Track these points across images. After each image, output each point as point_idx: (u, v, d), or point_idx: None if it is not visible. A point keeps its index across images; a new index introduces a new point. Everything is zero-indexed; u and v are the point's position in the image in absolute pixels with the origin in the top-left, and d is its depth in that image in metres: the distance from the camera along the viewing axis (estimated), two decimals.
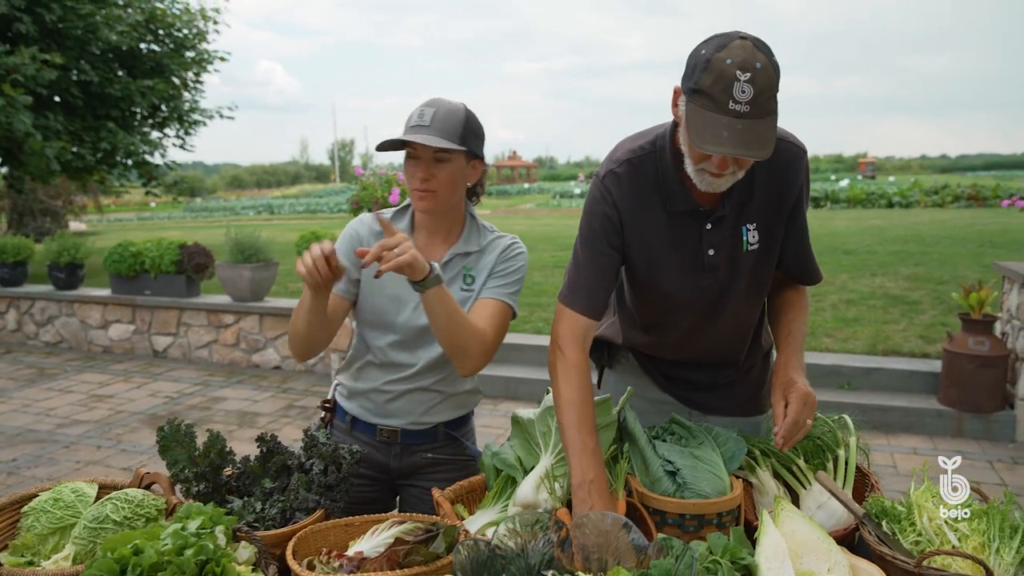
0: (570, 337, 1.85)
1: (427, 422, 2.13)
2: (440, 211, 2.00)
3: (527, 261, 2.11)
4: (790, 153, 1.83)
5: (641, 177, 1.82)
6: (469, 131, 1.95)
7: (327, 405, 2.25)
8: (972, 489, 1.74)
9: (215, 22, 14.06)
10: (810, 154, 1.91)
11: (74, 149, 11.74)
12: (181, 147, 14.60)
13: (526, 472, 1.82)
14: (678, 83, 1.65)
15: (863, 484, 1.92)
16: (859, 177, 54.55)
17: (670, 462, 1.78)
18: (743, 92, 1.49)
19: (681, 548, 1.40)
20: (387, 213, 2.11)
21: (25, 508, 1.71)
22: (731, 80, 1.49)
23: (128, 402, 6.40)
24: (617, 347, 2.26)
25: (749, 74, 1.49)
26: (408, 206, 2.10)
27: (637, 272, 1.90)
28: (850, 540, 1.73)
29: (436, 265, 1.78)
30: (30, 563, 1.62)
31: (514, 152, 77.43)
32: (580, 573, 1.44)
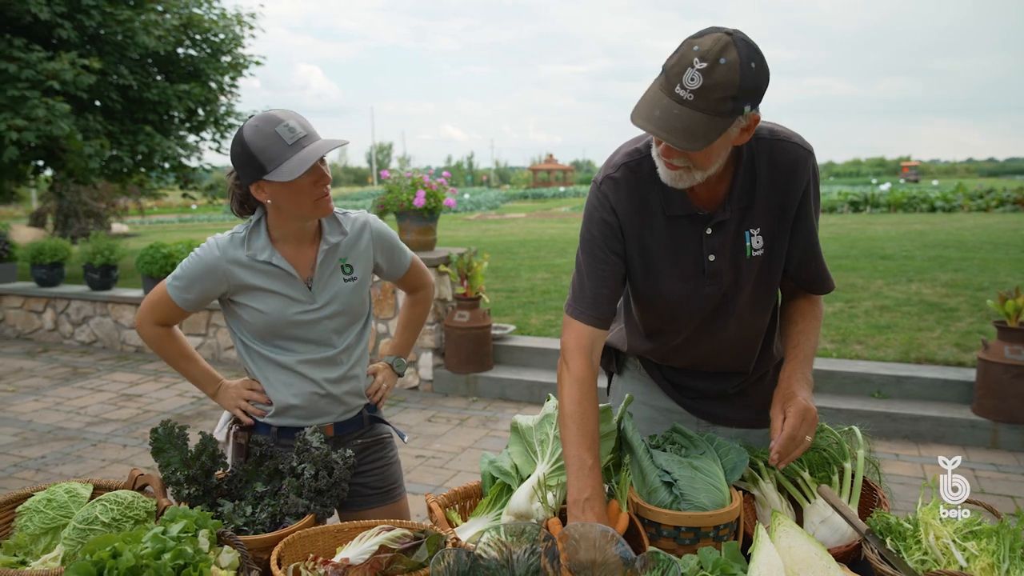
0: (576, 348, 1.80)
1: (349, 406, 2.19)
2: None
3: (383, 222, 2.26)
4: (794, 154, 1.76)
5: (638, 181, 1.78)
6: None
7: (240, 426, 2.15)
8: (984, 506, 1.67)
9: (251, 27, 14.24)
10: (850, 157, 1.89)
11: (113, 151, 11.97)
12: (217, 150, 14.82)
13: (522, 480, 1.79)
14: None
15: (871, 499, 1.85)
16: (901, 181, 53.53)
17: (667, 472, 1.73)
18: (692, 80, 1.45)
19: (667, 562, 1.35)
20: (240, 230, 2.07)
21: (20, 508, 1.72)
22: (686, 64, 1.46)
23: (156, 402, 6.48)
24: (624, 354, 2.22)
25: (706, 64, 1.44)
26: (259, 221, 2.06)
27: (637, 278, 1.86)
28: (855, 557, 1.67)
29: (394, 361, 2.38)
30: (22, 563, 1.63)
31: (550, 155, 77.37)
32: None
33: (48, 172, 13.16)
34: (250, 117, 1.96)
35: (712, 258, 1.78)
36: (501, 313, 7.93)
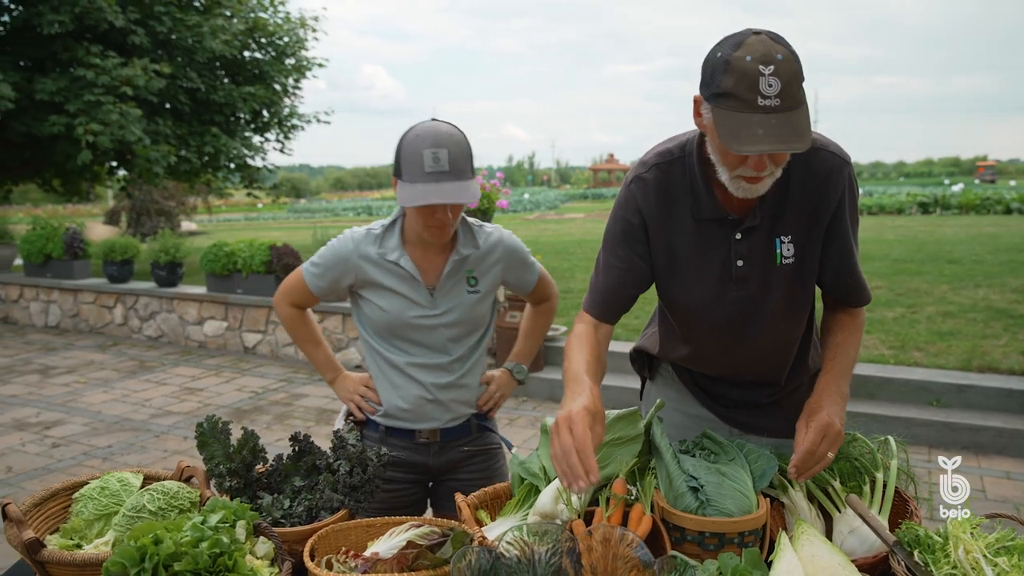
0: (579, 331, 1.89)
1: (456, 414, 2.22)
2: None
3: (516, 237, 2.28)
4: (830, 163, 1.74)
5: (669, 182, 1.78)
6: (472, 156, 2.00)
7: (354, 420, 2.28)
8: (1018, 520, 1.64)
9: (314, 30, 14.58)
10: (922, 157, 1.88)
11: (181, 153, 12.41)
12: (280, 151, 15.23)
13: (549, 481, 1.82)
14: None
15: (903, 511, 1.83)
16: (976, 181, 51.60)
17: (694, 477, 1.73)
18: (770, 86, 1.43)
19: (684, 565, 1.37)
20: (376, 227, 2.15)
21: (76, 494, 1.83)
22: (755, 76, 1.44)
23: (216, 396, 6.71)
24: (657, 359, 2.23)
25: (772, 67, 1.43)
26: (395, 221, 2.14)
27: (662, 281, 1.87)
28: (882, 569, 1.65)
29: (515, 368, 2.37)
30: (77, 546, 1.73)
31: (611, 155, 77.01)
32: None
33: (121, 172, 13.73)
34: (422, 122, 2.00)
35: (740, 263, 1.77)
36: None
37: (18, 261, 10.75)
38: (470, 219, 2.19)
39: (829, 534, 1.76)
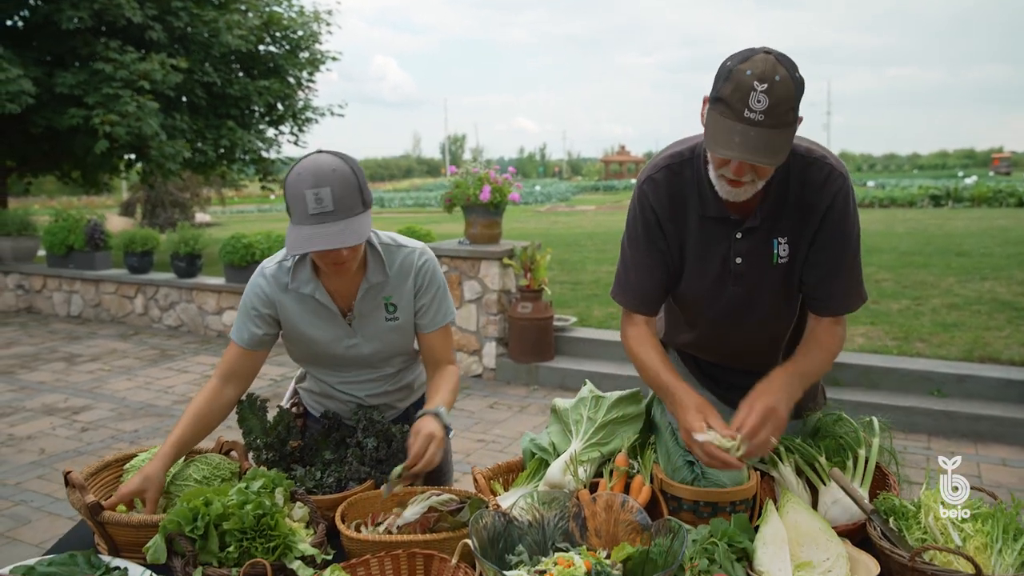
0: (630, 322, 2.04)
1: (399, 409, 2.28)
2: None
3: (438, 266, 2.15)
4: (826, 173, 1.83)
5: (678, 182, 1.91)
6: (362, 188, 1.86)
7: (295, 409, 2.30)
8: (982, 490, 1.79)
9: (327, 23, 14.76)
10: (936, 148, 1.92)
11: (198, 145, 12.64)
12: (295, 143, 15.44)
13: (558, 456, 1.99)
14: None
15: (883, 484, 1.98)
16: (991, 173, 51.20)
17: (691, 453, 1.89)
18: (758, 102, 1.58)
19: (678, 528, 1.53)
20: (287, 260, 2.05)
21: (127, 465, 2.01)
22: (748, 90, 1.58)
23: None
24: (664, 344, 2.38)
25: (766, 85, 1.57)
26: (305, 255, 2.02)
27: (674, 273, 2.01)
28: (862, 534, 1.80)
29: (441, 412, 1.94)
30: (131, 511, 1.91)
31: (622, 147, 76.91)
32: (589, 547, 1.60)
33: (139, 164, 13.97)
34: (306, 156, 1.89)
35: (739, 261, 1.91)
36: (565, 305, 8.11)
37: (41, 252, 10.99)
38: (385, 238, 2.09)
39: (815, 505, 1.91)
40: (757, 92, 1.58)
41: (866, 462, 1.95)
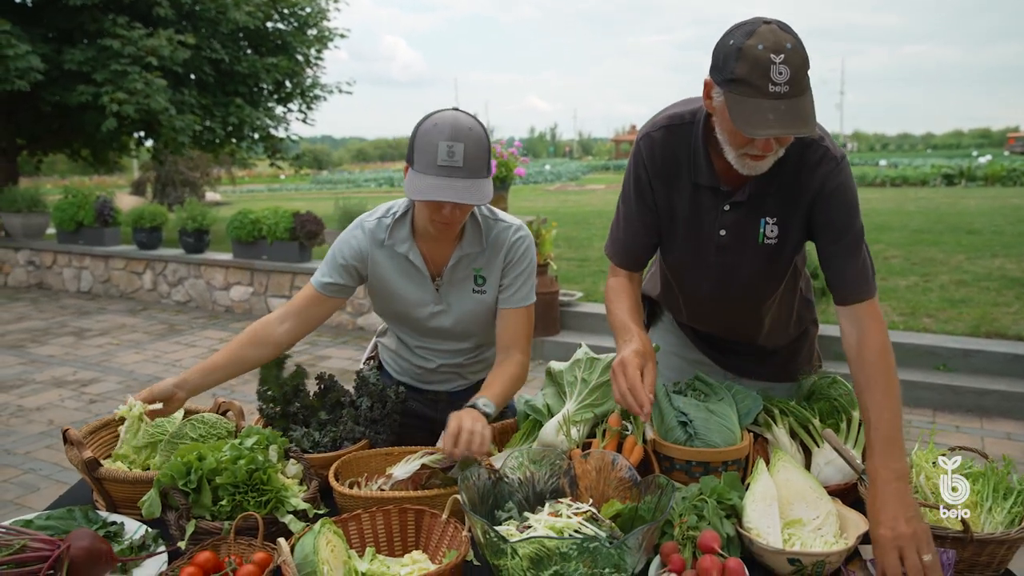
0: (613, 274, 2.05)
1: (470, 381, 2.31)
2: None
3: (533, 246, 2.12)
4: (820, 155, 1.79)
5: (675, 143, 1.88)
6: (490, 155, 1.89)
7: (372, 361, 2.40)
8: (979, 452, 1.78)
9: (335, 0, 14.66)
10: (951, 128, 1.83)
11: (206, 123, 12.63)
12: (303, 121, 15.40)
13: (551, 416, 1.99)
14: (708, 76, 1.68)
15: None
16: (1006, 153, 50.69)
17: (684, 414, 1.89)
18: (780, 74, 1.53)
19: (667, 484, 1.53)
20: (387, 217, 2.07)
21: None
22: (767, 64, 1.53)
23: None
24: (659, 306, 2.38)
25: (783, 55, 1.53)
26: (407, 212, 2.06)
27: (664, 235, 2.00)
28: (855, 495, 1.81)
29: (479, 405, 1.86)
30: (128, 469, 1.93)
31: (633, 126, 76.48)
32: (580, 502, 1.61)
33: (149, 143, 13.99)
34: (443, 110, 1.88)
35: (723, 233, 1.89)
36: (571, 281, 8.11)
37: (51, 229, 11.05)
38: (485, 210, 2.10)
39: (809, 467, 1.92)
40: (777, 65, 1.53)
41: (859, 424, 1.95)
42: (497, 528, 1.47)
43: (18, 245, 10.67)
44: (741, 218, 1.87)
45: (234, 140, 14.08)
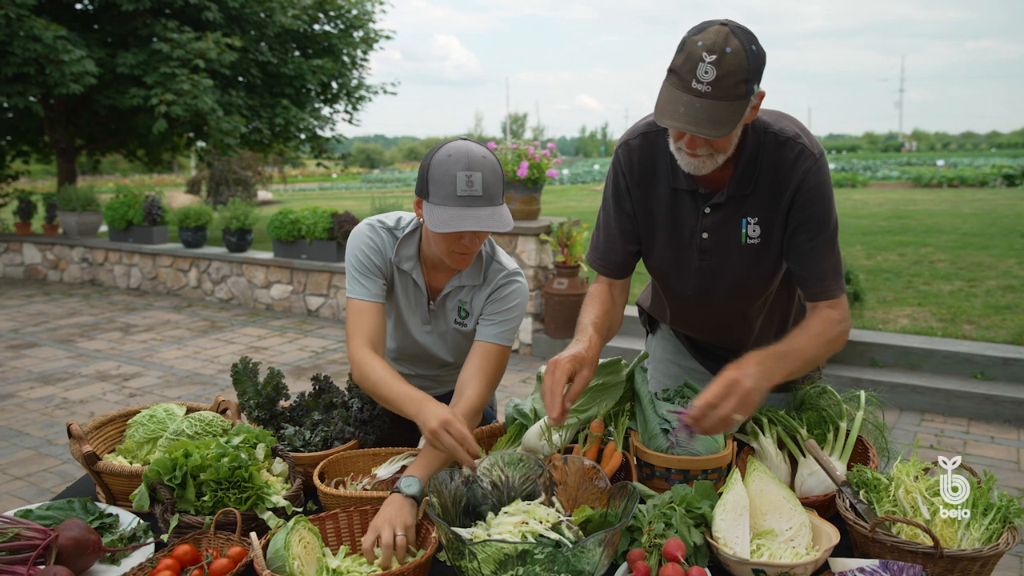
0: (595, 280, 2.05)
1: (447, 388, 2.34)
2: None
3: (525, 296, 2.07)
4: (796, 152, 1.80)
5: (653, 151, 1.91)
6: (504, 182, 1.90)
7: None
8: (967, 468, 1.75)
9: (381, 2, 14.85)
10: (1018, 126, 1.76)
11: (254, 124, 12.93)
12: (349, 121, 15.65)
13: (537, 420, 2.01)
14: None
15: (864, 458, 1.96)
16: None
17: (667, 421, 1.90)
18: (706, 73, 1.56)
19: (633, 491, 1.55)
20: (398, 231, 2.05)
21: (130, 421, 2.11)
22: (697, 60, 1.57)
23: (279, 354, 7.11)
24: (657, 318, 2.38)
25: (715, 56, 1.55)
26: (416, 230, 2.04)
27: (644, 242, 2.01)
28: (835, 507, 1.79)
29: (409, 487, 1.69)
30: (129, 463, 2.02)
31: None
32: (551, 507, 1.63)
33: (200, 144, 14.37)
34: (451, 140, 1.87)
35: (705, 235, 1.89)
36: None
37: (103, 228, 11.43)
38: (488, 248, 2.09)
39: (794, 477, 1.91)
40: (705, 63, 1.57)
41: (847, 435, 1.93)
42: (461, 531, 1.50)
43: (73, 242, 11.06)
44: (723, 220, 1.88)
45: (281, 140, 14.39)
